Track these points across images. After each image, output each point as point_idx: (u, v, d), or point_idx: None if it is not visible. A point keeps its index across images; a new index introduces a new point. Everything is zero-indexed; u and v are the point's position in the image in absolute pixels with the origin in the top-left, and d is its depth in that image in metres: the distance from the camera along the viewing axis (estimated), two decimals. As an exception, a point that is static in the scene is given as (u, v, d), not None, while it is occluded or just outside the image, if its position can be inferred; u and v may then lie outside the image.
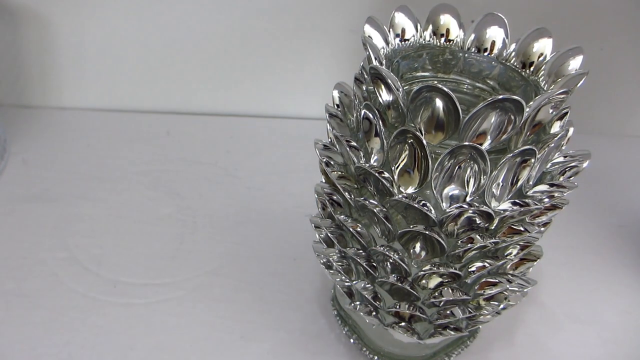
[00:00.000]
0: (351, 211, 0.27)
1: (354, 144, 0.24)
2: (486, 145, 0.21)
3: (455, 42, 0.28)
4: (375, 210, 0.24)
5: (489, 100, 0.20)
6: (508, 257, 0.25)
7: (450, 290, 0.25)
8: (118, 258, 0.38)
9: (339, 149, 0.26)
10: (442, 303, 0.26)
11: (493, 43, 0.27)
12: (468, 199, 0.22)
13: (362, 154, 0.24)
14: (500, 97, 0.20)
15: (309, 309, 0.36)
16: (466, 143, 0.21)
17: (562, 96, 0.22)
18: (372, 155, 0.24)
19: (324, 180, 0.28)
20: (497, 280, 0.26)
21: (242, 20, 0.48)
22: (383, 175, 0.23)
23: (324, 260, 0.29)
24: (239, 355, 0.33)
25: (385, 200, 0.24)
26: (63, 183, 0.44)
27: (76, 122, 0.51)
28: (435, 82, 0.27)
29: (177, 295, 0.36)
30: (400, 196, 0.23)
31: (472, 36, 0.27)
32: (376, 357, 0.32)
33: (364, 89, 0.25)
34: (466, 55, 0.27)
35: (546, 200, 0.23)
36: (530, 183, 0.24)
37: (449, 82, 0.27)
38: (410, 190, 0.23)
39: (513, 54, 0.27)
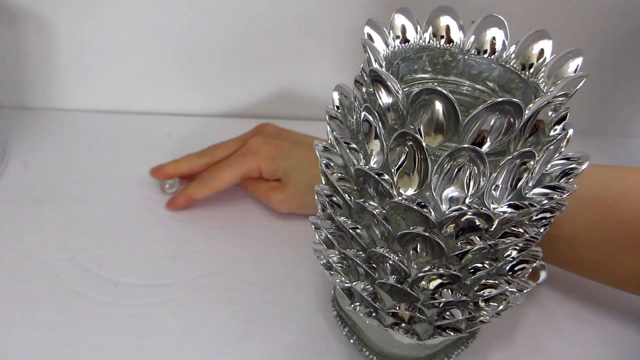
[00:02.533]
0: (351, 213, 0.27)
1: (353, 145, 0.24)
2: (485, 147, 0.21)
3: (455, 44, 0.28)
4: (375, 212, 0.24)
5: (489, 103, 0.20)
6: (507, 259, 0.25)
7: (449, 292, 0.25)
8: (119, 259, 0.38)
9: (339, 150, 0.26)
10: (441, 304, 0.26)
11: (493, 45, 0.27)
12: (467, 200, 0.23)
13: (361, 156, 0.24)
14: (500, 99, 0.20)
15: (309, 310, 0.36)
16: (466, 145, 0.21)
17: (561, 98, 0.22)
18: (372, 157, 0.24)
19: (324, 182, 0.28)
20: (496, 282, 0.26)
21: (242, 21, 0.48)
22: (383, 177, 0.23)
23: (324, 261, 0.29)
24: (239, 355, 0.33)
25: (385, 202, 0.24)
26: (64, 184, 0.44)
27: (77, 123, 0.51)
28: (435, 83, 0.27)
29: (178, 296, 0.36)
30: (399, 198, 0.23)
31: (472, 38, 0.27)
32: (376, 358, 0.32)
33: (364, 91, 0.25)
34: (466, 57, 0.27)
35: (545, 202, 0.23)
36: (530, 185, 0.24)
37: (449, 83, 0.27)
38: (410, 192, 0.23)
39: (513, 55, 0.27)
